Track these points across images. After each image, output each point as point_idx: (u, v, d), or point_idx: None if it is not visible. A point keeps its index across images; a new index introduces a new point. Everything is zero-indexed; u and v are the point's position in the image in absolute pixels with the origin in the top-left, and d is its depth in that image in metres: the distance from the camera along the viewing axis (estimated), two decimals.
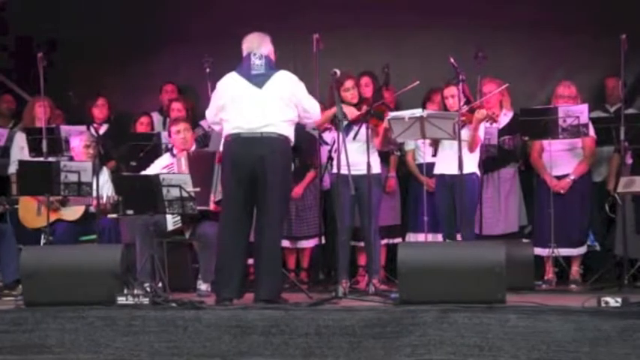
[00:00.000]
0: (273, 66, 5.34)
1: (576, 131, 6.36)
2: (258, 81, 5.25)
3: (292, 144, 5.35)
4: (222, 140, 5.42)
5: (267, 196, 5.15)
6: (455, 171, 5.95)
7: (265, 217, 5.18)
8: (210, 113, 5.50)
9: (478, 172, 6.22)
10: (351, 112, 6.10)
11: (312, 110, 5.44)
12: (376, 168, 6.14)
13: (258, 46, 5.32)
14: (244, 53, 5.38)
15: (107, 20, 7.74)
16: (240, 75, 5.31)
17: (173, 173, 5.93)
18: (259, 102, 5.21)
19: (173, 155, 6.31)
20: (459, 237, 6.16)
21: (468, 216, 6.07)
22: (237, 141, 5.22)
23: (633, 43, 6.41)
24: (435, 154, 6.35)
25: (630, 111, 6.72)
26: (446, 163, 6.14)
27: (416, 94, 7.03)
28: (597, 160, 6.84)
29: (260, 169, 5.14)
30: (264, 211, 5.18)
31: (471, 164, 6.10)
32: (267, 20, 7.59)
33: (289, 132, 5.29)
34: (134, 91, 7.99)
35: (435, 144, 6.23)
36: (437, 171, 6.30)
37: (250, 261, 5.55)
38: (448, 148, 6.11)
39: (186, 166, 6.09)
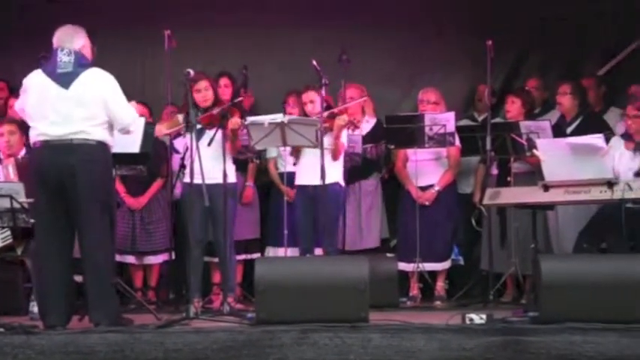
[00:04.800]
0: (85, 62, 5.09)
1: (443, 140, 6.57)
2: (65, 80, 5.00)
3: (112, 148, 5.16)
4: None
5: (82, 209, 4.97)
6: (317, 181, 6.02)
7: (85, 233, 5.02)
8: (18, 109, 5.29)
9: (342, 182, 6.32)
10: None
11: (121, 118, 5.11)
12: (232, 177, 6.13)
13: (69, 40, 5.07)
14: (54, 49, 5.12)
15: None
16: (46, 74, 5.06)
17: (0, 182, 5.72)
18: (66, 104, 4.99)
19: None
20: (317, 251, 6.24)
21: (330, 229, 6.14)
22: (45, 149, 5.01)
23: (500, 47, 6.70)
24: (296, 163, 6.40)
25: (498, 120, 6.99)
26: (307, 173, 6.21)
27: (278, 96, 7.09)
28: (466, 170, 7.08)
29: (70, 181, 4.95)
30: (82, 226, 5.01)
31: (334, 173, 6.19)
32: (116, 14, 7.48)
33: (105, 136, 5.07)
34: None
35: (297, 152, 6.28)
36: (298, 181, 6.35)
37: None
38: (309, 156, 6.18)
39: (14, 174, 5.87)
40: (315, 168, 6.02)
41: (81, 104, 5.00)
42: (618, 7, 7.50)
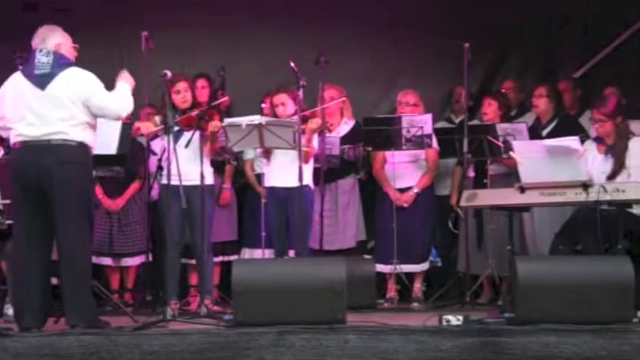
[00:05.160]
0: (63, 62, 5.07)
1: (420, 142, 6.60)
2: (41, 81, 5.00)
3: (92, 149, 5.16)
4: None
5: (59, 210, 4.96)
6: (287, 183, 6.06)
7: (63, 235, 5.01)
8: None
9: (311, 185, 6.33)
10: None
11: (109, 110, 5.11)
12: (209, 179, 6.13)
13: (45, 40, 5.07)
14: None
15: None
16: (24, 75, 5.07)
17: None
18: (43, 105, 4.98)
19: None
20: (291, 253, 6.25)
21: (301, 231, 6.16)
22: (23, 150, 5.00)
23: (478, 50, 6.74)
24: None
25: (474, 122, 7.03)
26: (278, 175, 6.23)
27: (255, 97, 7.09)
28: (443, 172, 7.11)
29: (47, 181, 4.94)
30: (60, 227, 5.00)
31: (304, 176, 6.20)
32: (93, 15, 7.45)
33: (84, 136, 5.06)
34: None
35: (267, 154, 6.29)
36: (268, 183, 6.36)
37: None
38: (280, 158, 6.19)
39: None
40: (285, 170, 6.05)
41: (58, 105, 5.00)
42: (595, 9, 7.57)
